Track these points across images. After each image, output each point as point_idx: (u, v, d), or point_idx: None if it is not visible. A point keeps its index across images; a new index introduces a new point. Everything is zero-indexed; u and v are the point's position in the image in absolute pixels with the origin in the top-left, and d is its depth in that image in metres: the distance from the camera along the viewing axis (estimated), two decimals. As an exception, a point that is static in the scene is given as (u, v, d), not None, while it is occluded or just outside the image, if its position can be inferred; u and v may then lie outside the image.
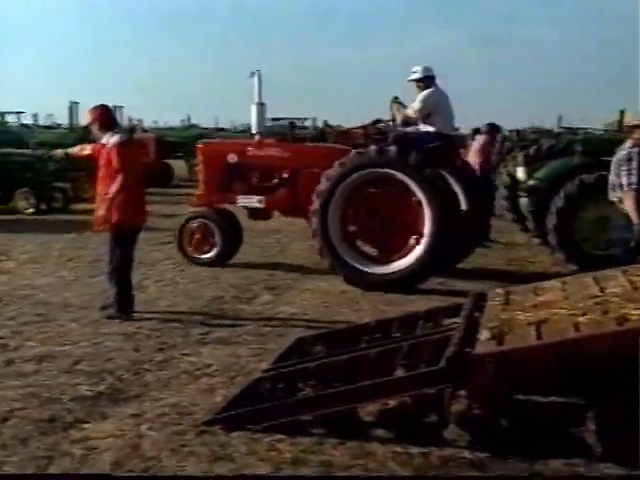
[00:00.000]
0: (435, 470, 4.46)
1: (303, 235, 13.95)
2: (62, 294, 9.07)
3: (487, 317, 5.54)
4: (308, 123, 48.74)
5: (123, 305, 7.96)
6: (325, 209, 9.93)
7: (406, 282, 9.58)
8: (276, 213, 11.56)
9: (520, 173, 13.18)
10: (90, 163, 8.86)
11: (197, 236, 11.11)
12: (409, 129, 10.56)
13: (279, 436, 4.88)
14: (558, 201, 11.07)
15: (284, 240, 13.65)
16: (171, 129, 40.04)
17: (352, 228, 10.20)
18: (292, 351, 6.35)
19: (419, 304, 8.27)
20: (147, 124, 44.98)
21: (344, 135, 19.62)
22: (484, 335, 5.01)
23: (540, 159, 13.00)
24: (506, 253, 12.58)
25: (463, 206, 10.02)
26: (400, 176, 9.66)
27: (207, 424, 5.08)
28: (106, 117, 8.23)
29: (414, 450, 4.68)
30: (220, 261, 11.00)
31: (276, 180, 10.95)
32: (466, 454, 4.63)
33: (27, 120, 33.36)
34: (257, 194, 11.03)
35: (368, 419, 5.18)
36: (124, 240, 8.05)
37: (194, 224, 11.20)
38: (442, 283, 9.92)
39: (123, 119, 31.30)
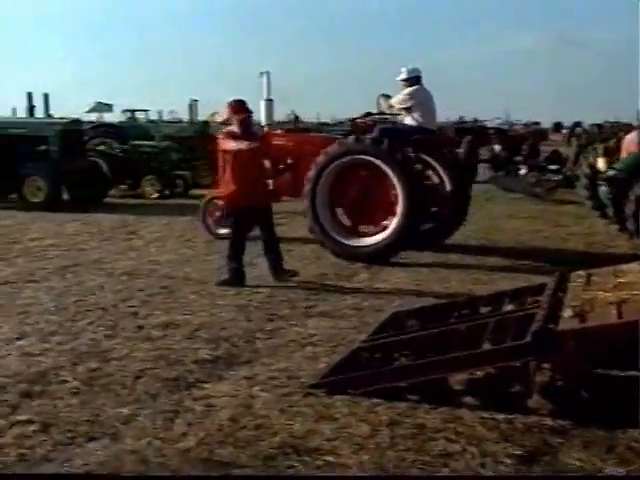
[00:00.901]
0: (520, 435, 4.40)
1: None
2: (183, 269, 9.25)
3: (570, 297, 5.42)
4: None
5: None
6: (314, 192, 10.38)
7: (382, 255, 9.94)
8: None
9: (600, 163, 12.91)
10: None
11: (217, 213, 11.44)
12: (394, 122, 11.24)
13: (377, 400, 4.88)
14: (637, 189, 10.79)
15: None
16: (278, 123, 40.22)
17: (337, 208, 10.59)
18: (388, 324, 6.35)
19: (504, 283, 8.15)
20: (256, 118, 45.28)
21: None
22: (567, 313, 4.92)
23: (619, 150, 12.68)
24: (586, 238, 12.25)
25: (448, 189, 10.88)
26: (375, 161, 10.02)
27: (312, 388, 5.13)
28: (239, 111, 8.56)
29: (500, 417, 4.63)
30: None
31: (282, 165, 11.29)
32: (549, 421, 4.55)
33: (153, 116, 34.06)
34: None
35: (458, 387, 5.15)
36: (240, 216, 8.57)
37: (216, 203, 11.45)
38: (525, 265, 9.74)
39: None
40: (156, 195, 17.59)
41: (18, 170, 15.12)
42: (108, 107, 33.95)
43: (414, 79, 10.77)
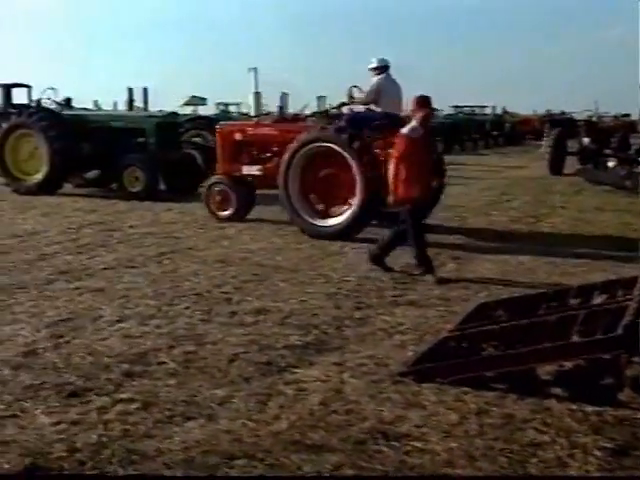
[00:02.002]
0: (610, 428, 4.29)
1: (481, 212, 13.77)
2: (274, 257, 9.34)
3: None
4: (488, 110, 47.79)
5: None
6: (287, 175, 11.13)
7: (344, 232, 10.70)
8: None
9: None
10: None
11: (218, 198, 12.31)
12: (360, 110, 11.72)
13: (465, 389, 4.85)
14: None
15: (464, 215, 13.45)
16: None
17: (307, 190, 11.23)
18: (475, 314, 6.27)
19: (592, 276, 7.96)
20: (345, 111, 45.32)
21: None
22: (659, 307, 4.77)
23: None
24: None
25: None
26: (336, 148, 10.75)
27: (400, 375, 5.12)
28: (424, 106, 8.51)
29: (589, 409, 4.53)
30: (236, 217, 12.21)
31: (269, 153, 12.13)
32: (640, 415, 4.44)
33: (245, 109, 34.48)
34: (256, 164, 12.17)
35: (546, 378, 5.06)
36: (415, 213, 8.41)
37: (216, 188, 12.38)
38: (613, 258, 9.48)
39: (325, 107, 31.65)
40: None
41: (118, 161, 15.54)
42: (202, 100, 34.57)
43: (382, 68, 11.46)
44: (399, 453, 4.02)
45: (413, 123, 8.38)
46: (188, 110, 31.75)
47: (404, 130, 8.38)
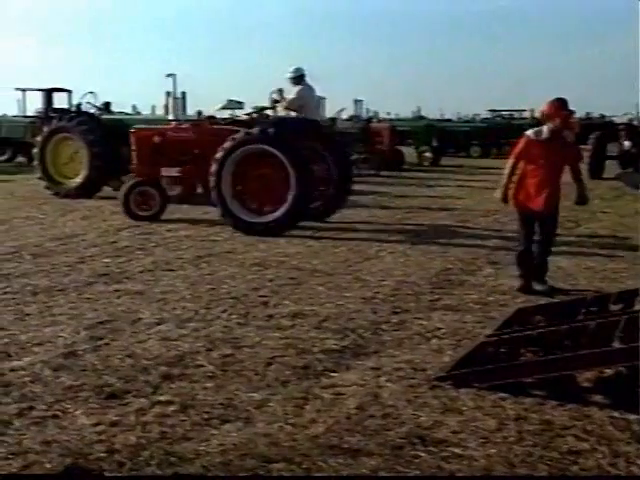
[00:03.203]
0: (652, 436, 4.24)
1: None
2: (310, 261, 9.35)
3: None
4: (526, 114, 47.41)
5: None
6: (220, 173, 11.62)
7: (277, 229, 11.36)
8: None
9: None
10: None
11: (140, 199, 12.67)
12: (286, 115, 12.57)
13: (502, 395, 4.81)
14: None
15: (503, 220, 13.34)
16: (402, 120, 40.14)
17: (239, 187, 11.79)
18: (513, 320, 6.23)
19: (633, 282, 7.83)
20: (382, 115, 45.34)
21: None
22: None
23: None
24: None
25: (334, 173, 12.63)
26: (272, 150, 11.40)
27: (438, 380, 5.09)
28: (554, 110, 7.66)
29: (632, 417, 4.46)
30: (155, 218, 12.53)
31: (189, 155, 12.84)
32: (682, 424, 4.36)
33: (282, 113, 34.57)
34: (175, 166, 12.86)
35: (586, 385, 5.01)
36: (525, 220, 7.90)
37: (138, 189, 12.73)
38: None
39: (362, 111, 31.68)
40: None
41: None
42: (239, 104, 34.66)
43: (299, 77, 12.36)
44: (437, 459, 4.00)
45: (543, 127, 7.73)
46: (225, 114, 31.90)
47: (528, 131, 7.91)
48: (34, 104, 25.94)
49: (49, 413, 4.52)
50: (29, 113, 25.99)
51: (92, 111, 18.16)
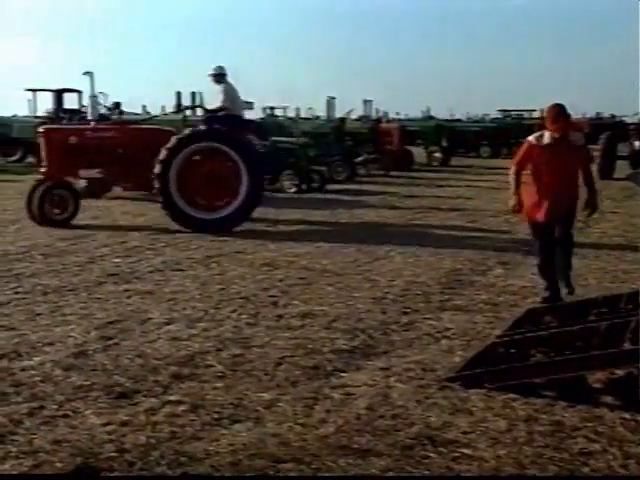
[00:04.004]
0: (664, 438, 4.22)
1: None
2: (320, 261, 9.35)
3: None
4: (536, 114, 47.23)
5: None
6: (166, 172, 11.50)
7: (229, 224, 11.55)
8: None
9: None
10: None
11: (54, 201, 12.01)
12: (222, 113, 12.57)
13: (513, 395, 4.80)
14: None
15: (513, 220, 13.29)
16: (412, 120, 40.08)
17: (188, 185, 11.70)
18: (524, 320, 6.22)
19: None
20: (391, 115, 45.31)
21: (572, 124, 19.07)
22: None
23: None
24: None
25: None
26: (222, 147, 11.61)
27: (448, 380, 5.09)
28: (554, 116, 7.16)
29: (642, 418, 4.46)
30: (68, 221, 11.93)
31: (111, 155, 12.35)
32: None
33: (291, 113, 34.62)
34: (96, 167, 12.36)
35: (597, 386, 4.99)
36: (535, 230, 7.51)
37: (53, 192, 12.05)
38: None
39: (371, 112, 31.67)
40: (294, 190, 17.83)
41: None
42: (249, 104, 34.69)
43: (220, 76, 12.54)
44: (447, 459, 3.99)
45: (545, 132, 7.24)
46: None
47: (530, 137, 7.42)
48: (45, 104, 26.07)
49: (59, 413, 4.53)
50: (39, 114, 26.11)
51: (102, 111, 18.22)
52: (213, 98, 13.11)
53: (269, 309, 6.99)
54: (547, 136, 7.20)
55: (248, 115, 31.96)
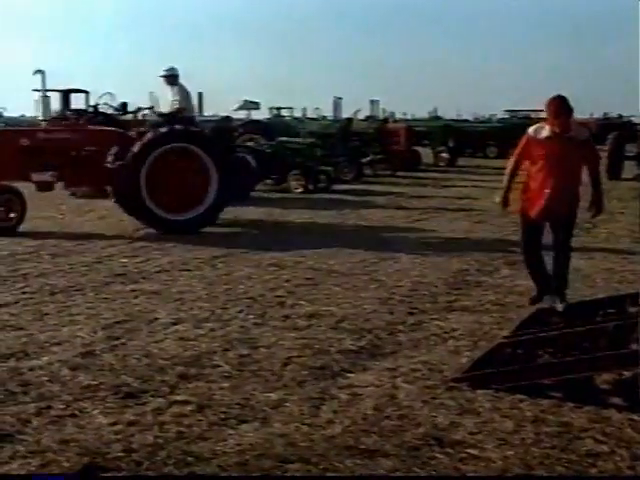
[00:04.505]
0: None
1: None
2: (327, 262, 9.34)
3: None
4: (544, 115, 47.13)
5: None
6: (136, 174, 11.32)
7: (197, 225, 11.57)
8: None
9: None
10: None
11: (2, 207, 11.23)
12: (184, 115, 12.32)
13: (520, 396, 4.79)
14: None
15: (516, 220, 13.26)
16: (419, 120, 40.06)
17: (159, 188, 11.52)
18: (531, 321, 6.21)
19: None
20: (398, 115, 45.31)
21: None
22: None
23: None
24: None
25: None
26: (192, 147, 11.62)
27: (454, 381, 5.08)
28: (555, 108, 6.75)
29: (650, 419, 4.44)
30: (15, 228, 11.17)
31: (64, 157, 11.65)
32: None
33: (297, 113, 34.64)
34: (50, 170, 11.62)
35: (604, 387, 4.98)
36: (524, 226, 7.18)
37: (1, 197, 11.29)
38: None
39: (378, 112, 31.69)
40: (301, 190, 17.84)
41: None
42: (255, 105, 34.78)
43: (173, 77, 12.30)
44: (454, 460, 3.99)
45: (546, 124, 6.85)
46: (241, 114, 32.02)
47: (530, 129, 7.03)
48: (53, 105, 26.08)
49: (67, 412, 4.54)
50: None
51: (109, 112, 18.22)
52: (163, 100, 12.78)
53: (276, 309, 7.00)
54: (547, 129, 6.80)
55: (255, 115, 32.22)
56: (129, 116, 16.38)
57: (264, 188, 18.13)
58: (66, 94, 24.45)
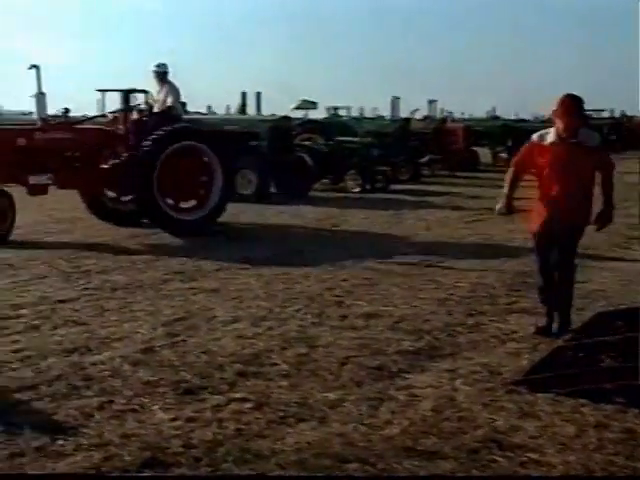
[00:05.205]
0: None
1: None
2: (384, 261, 9.31)
3: None
4: (605, 114, 46.37)
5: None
6: (149, 174, 10.89)
7: (207, 222, 11.46)
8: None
9: None
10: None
11: None
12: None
13: (582, 401, 4.71)
14: None
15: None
16: (477, 120, 39.65)
17: (167, 188, 11.22)
18: (592, 324, 6.10)
19: None
20: (456, 115, 44.92)
21: None
22: None
23: None
24: None
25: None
26: (201, 146, 11.48)
27: (514, 384, 5.02)
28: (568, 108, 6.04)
29: None
30: (5, 238, 10.21)
31: (60, 158, 11.12)
32: None
33: (355, 113, 34.58)
34: (47, 172, 10.90)
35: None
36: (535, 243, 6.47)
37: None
38: None
39: (436, 112, 31.49)
40: (358, 189, 17.85)
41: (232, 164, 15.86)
42: (313, 104, 34.81)
43: (163, 74, 12.16)
44: (514, 464, 3.94)
45: (551, 129, 6.25)
46: (299, 114, 32.10)
47: (534, 134, 6.40)
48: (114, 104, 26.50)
49: (128, 407, 4.62)
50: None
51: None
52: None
53: (333, 309, 7.01)
54: (552, 134, 6.15)
55: (312, 115, 32.27)
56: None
57: (321, 187, 18.19)
58: (126, 94, 24.84)
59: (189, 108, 21.64)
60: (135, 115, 12.30)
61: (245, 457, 3.98)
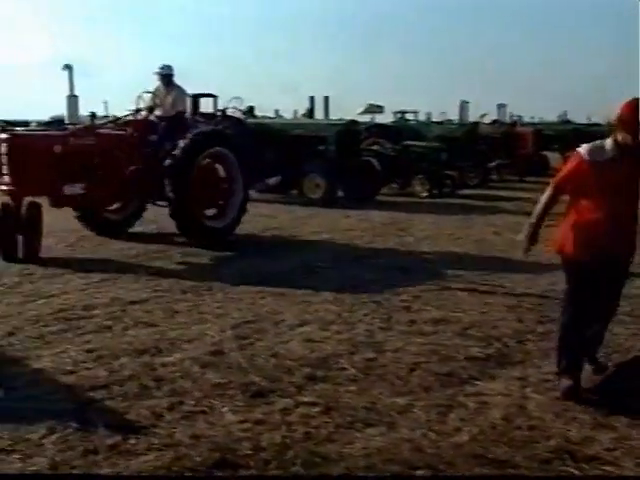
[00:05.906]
0: None
1: None
2: (453, 267, 9.24)
3: None
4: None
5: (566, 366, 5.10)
6: (187, 182, 10.43)
7: (226, 234, 11.02)
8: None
9: None
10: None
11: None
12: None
13: (659, 412, 4.59)
14: None
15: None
16: (547, 124, 39.02)
17: (199, 196, 10.72)
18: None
19: None
20: (526, 119, 44.30)
21: None
22: None
23: None
24: None
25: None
26: (226, 152, 11.14)
27: (588, 393, 4.92)
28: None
29: None
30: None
31: (92, 166, 10.31)
32: None
33: (422, 117, 34.41)
34: (80, 182, 10.07)
35: None
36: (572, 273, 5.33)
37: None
38: None
39: (505, 116, 31.12)
40: (425, 194, 17.76)
41: (299, 168, 15.95)
42: (379, 108, 34.80)
43: (169, 76, 11.61)
44: (588, 476, 3.86)
45: (606, 141, 4.98)
46: (366, 118, 32.10)
47: (582, 148, 5.09)
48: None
49: (198, 408, 4.67)
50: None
51: (237, 115, 18.66)
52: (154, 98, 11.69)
53: (401, 314, 6.97)
54: (610, 147, 4.91)
55: (378, 119, 32.24)
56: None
57: (388, 192, 18.14)
58: (196, 98, 25.18)
59: (257, 112, 21.86)
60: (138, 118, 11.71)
61: (314, 460, 3.99)
